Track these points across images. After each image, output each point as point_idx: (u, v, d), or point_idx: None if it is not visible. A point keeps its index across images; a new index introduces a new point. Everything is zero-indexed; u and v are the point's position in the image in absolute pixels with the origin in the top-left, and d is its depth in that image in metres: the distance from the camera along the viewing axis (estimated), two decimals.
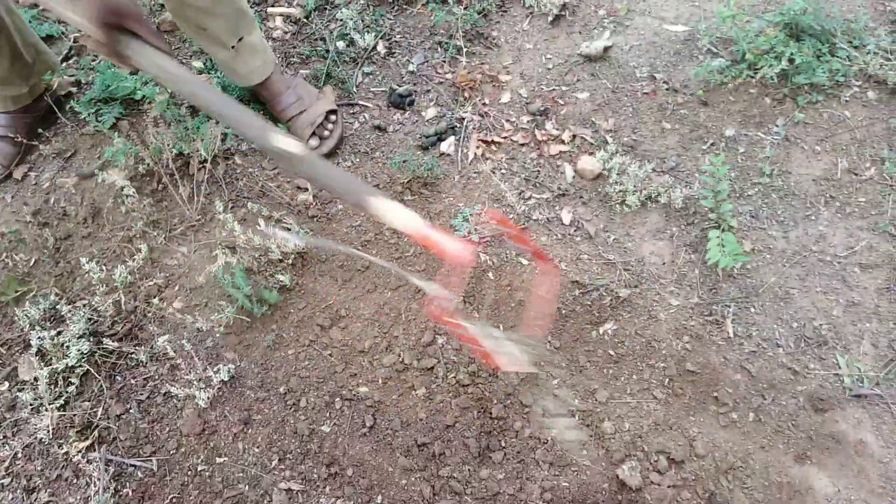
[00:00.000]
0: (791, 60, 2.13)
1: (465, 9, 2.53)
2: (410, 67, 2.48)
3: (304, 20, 2.62)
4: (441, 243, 1.21)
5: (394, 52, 2.54)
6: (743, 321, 1.83)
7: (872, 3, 2.38)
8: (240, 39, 2.03)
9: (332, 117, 2.26)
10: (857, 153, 2.07)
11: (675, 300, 1.87)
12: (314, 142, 2.21)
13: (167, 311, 1.91)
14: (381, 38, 2.55)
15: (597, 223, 2.02)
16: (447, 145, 2.23)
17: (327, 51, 2.49)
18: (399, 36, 2.57)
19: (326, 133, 2.23)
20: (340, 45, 2.54)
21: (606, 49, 2.38)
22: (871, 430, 1.64)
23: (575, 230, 2.03)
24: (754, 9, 2.39)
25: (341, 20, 2.56)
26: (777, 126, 2.13)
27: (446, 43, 2.50)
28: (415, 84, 2.44)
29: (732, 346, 1.79)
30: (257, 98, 2.29)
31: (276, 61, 2.25)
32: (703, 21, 2.34)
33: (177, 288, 1.98)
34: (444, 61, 2.48)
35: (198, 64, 2.51)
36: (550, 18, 2.50)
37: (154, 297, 1.96)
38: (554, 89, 2.34)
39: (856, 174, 2.03)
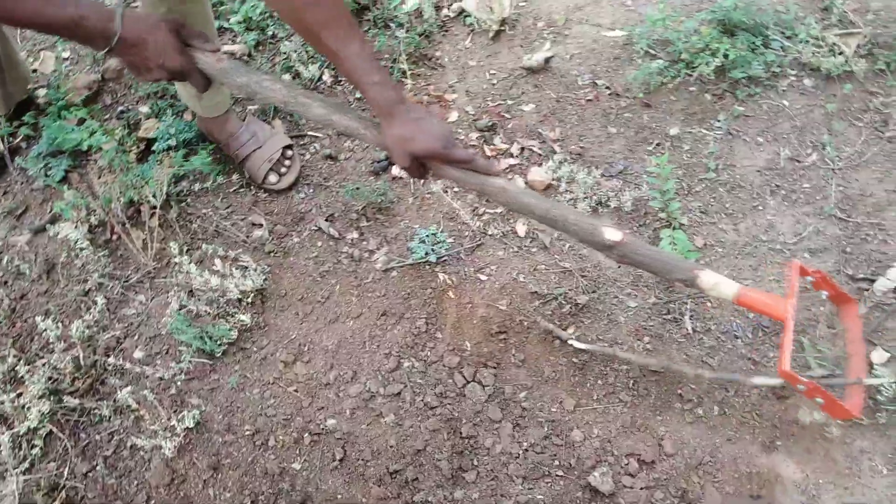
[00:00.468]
0: (726, 56, 2.17)
1: (406, 32, 2.56)
2: (358, 94, 2.49)
3: (248, 57, 2.63)
4: (762, 303, 1.44)
5: (340, 81, 2.55)
6: (700, 317, 1.85)
7: None
8: None
9: (289, 152, 2.26)
10: (798, 140, 2.11)
11: (633, 302, 1.89)
12: (273, 178, 2.21)
13: (128, 363, 1.89)
14: (325, 67, 2.56)
15: (551, 233, 2.04)
16: (398, 168, 2.24)
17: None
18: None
19: (284, 169, 2.23)
20: (287, 77, 2.55)
21: (548, 60, 2.41)
22: None
23: (530, 241, 2.04)
24: (687, 9, 2.45)
25: (285, 53, 2.57)
26: (719, 121, 2.18)
27: (391, 67, 2.52)
28: (363, 109, 2.45)
29: (692, 342, 1.81)
30: (208, 138, 2.29)
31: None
32: (639, 25, 2.38)
33: (136, 338, 1.96)
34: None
35: (144, 109, 2.51)
36: (491, 35, 2.53)
37: (114, 350, 1.94)
38: (500, 104, 2.37)
39: (798, 161, 2.08)
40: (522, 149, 2.24)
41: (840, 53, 2.22)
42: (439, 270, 2.00)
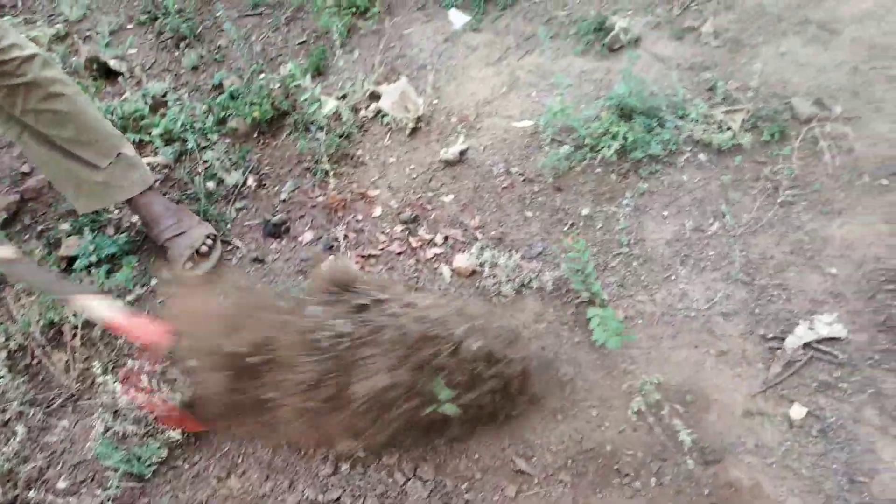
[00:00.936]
0: (625, 138, 2.33)
1: (326, 134, 2.65)
2: (283, 196, 2.55)
3: (171, 167, 2.66)
4: (131, 329, 1.43)
5: (264, 184, 2.61)
6: None
7: (687, 77, 2.67)
8: (117, 155, 2.10)
9: (210, 241, 2.30)
10: (699, 211, 2.26)
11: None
12: (189, 265, 2.24)
13: (50, 495, 1.79)
14: (249, 172, 2.61)
15: None
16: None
17: (197, 195, 2.52)
18: (268, 168, 2.65)
19: (205, 249, 2.28)
20: (210, 185, 2.58)
21: (463, 153, 2.53)
22: (762, 471, 1.71)
23: None
24: (587, 97, 2.63)
25: (207, 161, 2.62)
26: (626, 199, 2.31)
27: (314, 168, 2.60)
28: (289, 212, 2.50)
29: (631, 417, 1.85)
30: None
31: (154, 180, 2.28)
32: (544, 115, 2.54)
33: (60, 466, 1.87)
34: (315, 185, 2.56)
35: (65, 226, 2.49)
36: (408, 132, 2.65)
37: (35, 482, 1.84)
38: (421, 196, 2.46)
39: (702, 231, 2.21)
40: (446, 237, 2.31)
41: (728, 129, 2.41)
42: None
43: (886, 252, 2.07)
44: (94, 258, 2.26)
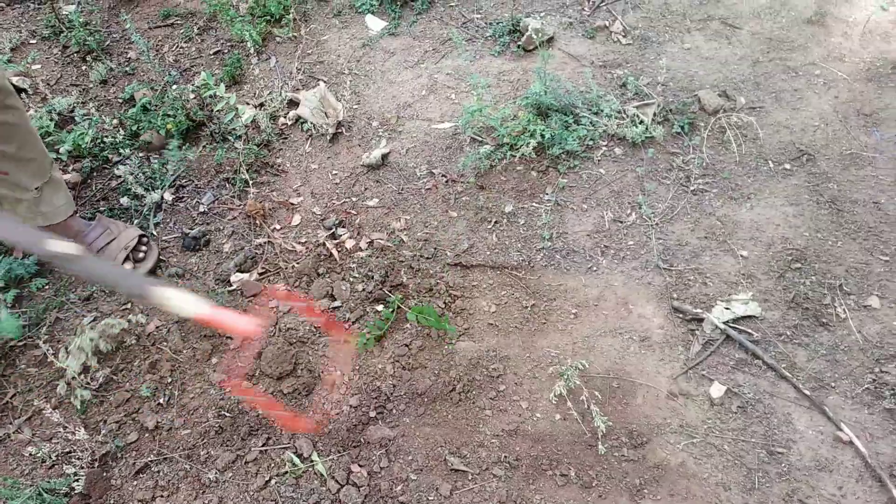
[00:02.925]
0: (543, 136, 2.37)
1: (245, 143, 2.59)
2: (201, 208, 2.47)
3: (81, 185, 2.55)
4: (226, 321, 1.35)
5: (182, 197, 2.52)
6: None
7: (600, 74, 2.74)
8: (47, 181, 2.04)
9: (144, 239, 2.27)
10: (618, 203, 2.32)
11: None
12: (128, 265, 2.19)
13: None
14: (166, 186, 2.53)
15: None
16: (235, 279, 2.22)
17: (111, 209, 2.42)
18: (185, 180, 2.57)
19: (141, 255, 2.24)
20: (125, 201, 2.48)
21: (385, 156, 2.52)
22: (687, 450, 1.76)
23: None
24: (505, 97, 2.67)
25: (121, 176, 2.52)
26: (547, 194, 2.35)
27: (233, 178, 2.53)
28: (208, 224, 2.43)
29: (558, 406, 1.87)
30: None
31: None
32: (463, 115, 2.55)
33: None
34: (234, 196, 2.50)
35: None
36: (329, 138, 2.62)
37: None
38: (345, 202, 2.43)
39: (621, 222, 2.27)
40: (371, 242, 2.29)
41: (641, 122, 2.49)
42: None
43: (792, 233, 2.18)
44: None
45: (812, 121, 2.49)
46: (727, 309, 1.98)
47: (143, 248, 2.25)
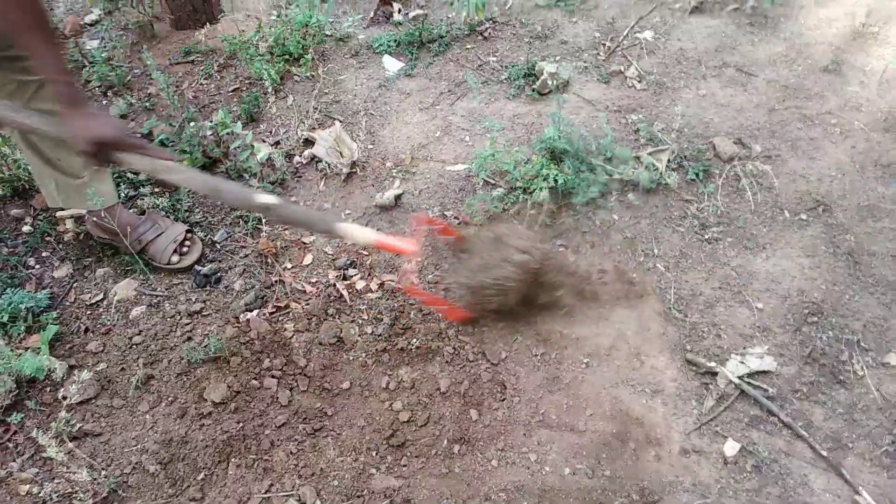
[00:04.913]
0: (556, 181, 2.37)
1: (260, 181, 2.61)
2: (215, 245, 2.48)
3: None
4: (395, 245, 1.79)
5: (195, 232, 2.53)
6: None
7: (615, 119, 2.75)
8: (93, 170, 2.18)
9: (189, 235, 2.44)
10: (631, 250, 2.30)
11: None
12: (175, 258, 2.36)
13: None
14: (180, 221, 2.54)
15: None
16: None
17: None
18: (199, 216, 2.58)
19: (186, 249, 2.40)
20: None
21: (398, 197, 2.53)
22: None
23: None
24: (518, 140, 2.67)
25: (137, 210, 2.53)
26: (560, 240, 2.33)
27: (246, 216, 2.54)
28: (220, 261, 2.43)
29: (567, 460, 1.83)
30: (100, 231, 2.36)
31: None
32: (476, 159, 2.56)
33: None
34: (247, 234, 2.50)
35: None
36: (343, 177, 2.63)
37: None
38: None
39: (634, 270, 2.24)
40: (381, 283, 2.28)
41: (655, 169, 2.48)
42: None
43: (808, 285, 2.14)
44: (4, 316, 2.14)
45: (829, 171, 2.47)
46: (742, 363, 1.94)
47: (188, 242, 2.41)
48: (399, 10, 3.44)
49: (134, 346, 2.15)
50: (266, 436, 1.90)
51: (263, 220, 2.50)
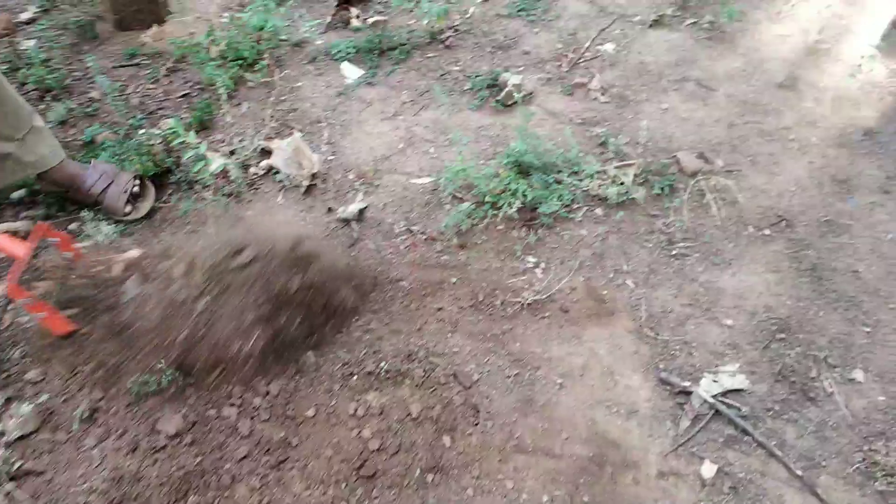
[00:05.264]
0: (525, 195, 2.33)
1: (214, 194, 2.48)
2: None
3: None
4: (4, 246, 1.81)
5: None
6: None
7: (580, 132, 2.73)
8: (28, 130, 2.14)
9: (139, 181, 2.41)
10: (600, 266, 2.27)
11: None
12: (129, 208, 2.35)
13: None
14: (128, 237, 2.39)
15: None
16: None
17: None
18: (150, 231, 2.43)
19: (140, 197, 2.40)
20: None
21: (362, 211, 2.44)
22: None
23: None
24: (485, 153, 2.63)
25: (81, 222, 2.37)
26: (529, 255, 2.29)
27: (198, 229, 2.41)
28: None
29: (545, 487, 1.79)
30: (53, 186, 2.34)
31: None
32: (443, 172, 2.50)
33: None
34: None
35: None
36: (303, 190, 2.53)
37: None
38: None
39: (604, 287, 2.22)
40: None
41: (621, 183, 2.47)
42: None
43: (774, 301, 2.16)
44: None
45: (788, 186, 2.51)
46: (715, 381, 1.94)
47: (137, 189, 2.38)
48: (357, 16, 3.35)
49: (78, 374, 1.99)
50: (226, 470, 1.79)
51: None
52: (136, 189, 2.39)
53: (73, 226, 2.36)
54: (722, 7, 3.27)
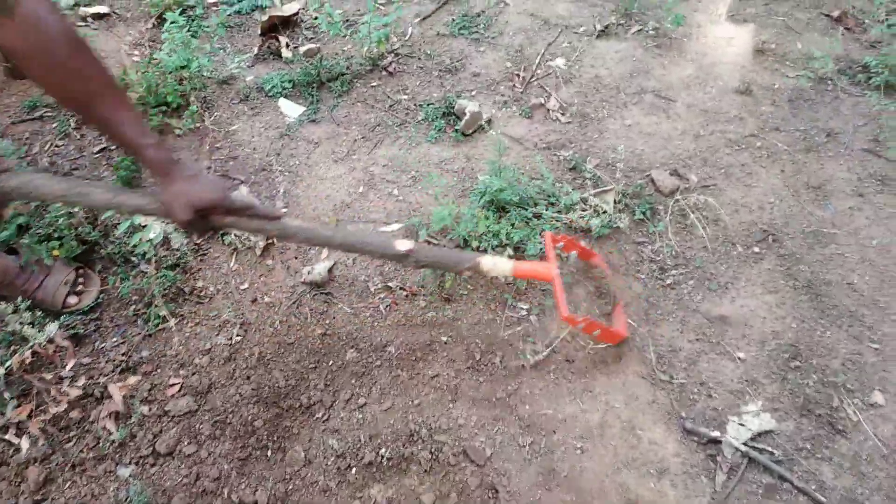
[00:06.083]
0: (509, 237, 2.15)
1: (156, 268, 2.17)
2: (109, 355, 2.02)
3: None
4: (535, 270, 1.78)
5: (84, 341, 2.05)
6: None
7: (547, 157, 2.57)
8: None
9: (83, 271, 2.15)
10: (597, 305, 2.12)
11: None
12: (72, 299, 2.08)
13: None
14: (55, 328, 2.04)
15: None
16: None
17: None
18: (81, 320, 2.09)
19: (81, 287, 2.11)
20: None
21: (331, 269, 2.19)
22: None
23: None
24: (453, 189, 2.43)
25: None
26: (520, 303, 2.12)
27: (145, 313, 2.10)
28: None
29: None
30: None
31: None
32: (413, 216, 2.28)
33: None
34: (149, 334, 2.06)
35: None
36: (259, 251, 2.25)
37: None
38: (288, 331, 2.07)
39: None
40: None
41: (603, 212, 2.33)
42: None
43: (779, 325, 2.08)
44: None
45: (766, 197, 2.45)
46: (742, 425, 1.82)
47: (81, 279, 2.12)
48: (287, 45, 3.07)
49: None
50: None
51: (168, 316, 2.07)
52: (79, 280, 2.12)
53: None
54: (665, 13, 3.20)
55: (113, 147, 2.63)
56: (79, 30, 2.58)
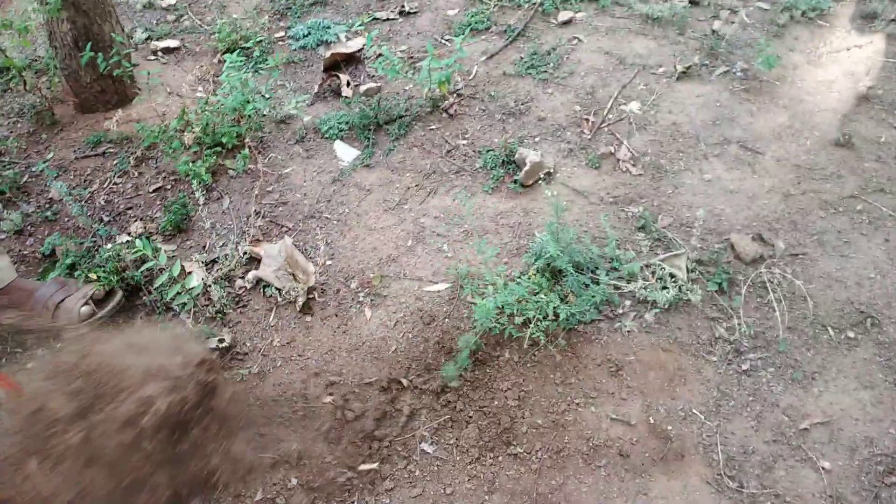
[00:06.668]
0: (556, 314, 1.95)
1: (195, 320, 2.11)
2: None
3: None
4: None
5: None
6: None
7: (613, 213, 2.36)
8: None
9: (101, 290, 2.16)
10: (660, 392, 1.89)
11: None
12: (87, 310, 2.08)
13: None
14: None
15: None
16: None
17: None
18: None
19: (99, 297, 2.13)
20: None
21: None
22: None
23: None
24: (507, 246, 2.26)
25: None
26: (572, 379, 1.92)
27: None
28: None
29: None
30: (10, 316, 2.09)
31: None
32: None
33: None
34: None
35: None
36: (299, 307, 2.15)
37: None
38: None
39: (669, 421, 1.84)
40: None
41: (672, 278, 2.10)
42: None
43: (875, 430, 1.78)
44: None
45: (866, 272, 2.14)
46: None
47: (100, 292, 2.14)
48: (348, 83, 2.99)
49: None
50: None
51: None
52: (99, 293, 2.14)
53: None
54: (756, 53, 2.92)
55: (168, 187, 2.61)
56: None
